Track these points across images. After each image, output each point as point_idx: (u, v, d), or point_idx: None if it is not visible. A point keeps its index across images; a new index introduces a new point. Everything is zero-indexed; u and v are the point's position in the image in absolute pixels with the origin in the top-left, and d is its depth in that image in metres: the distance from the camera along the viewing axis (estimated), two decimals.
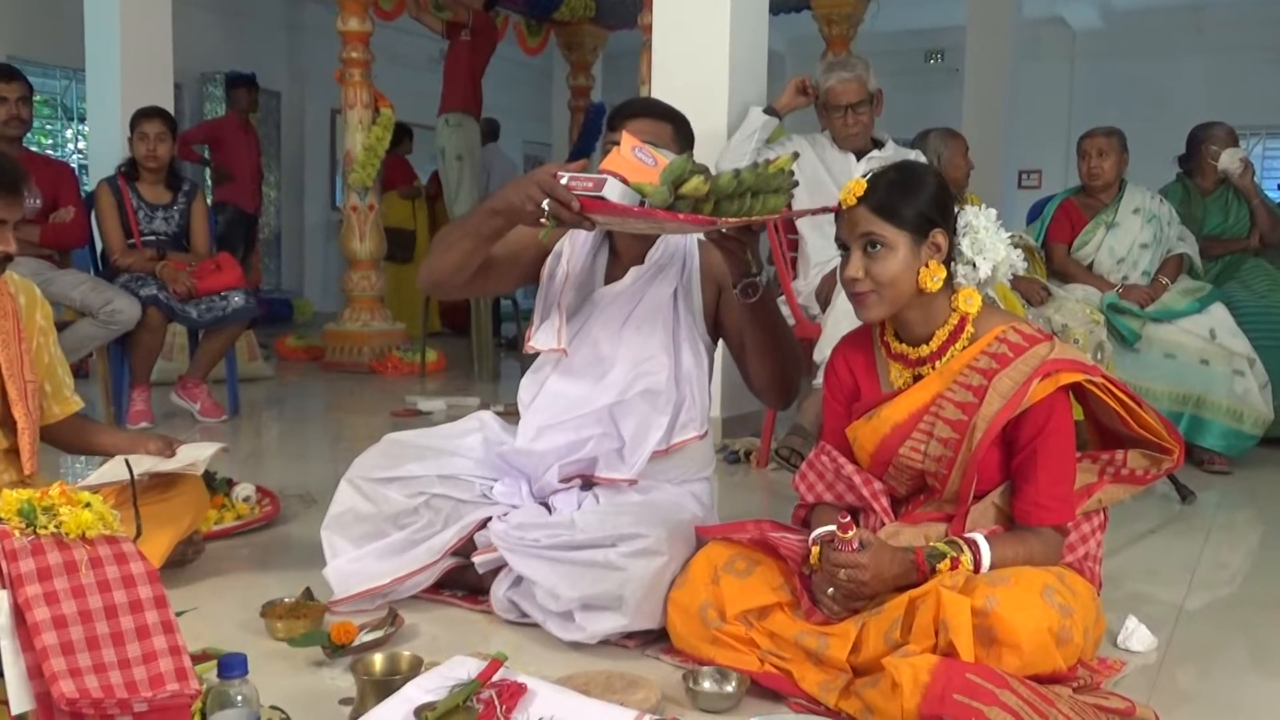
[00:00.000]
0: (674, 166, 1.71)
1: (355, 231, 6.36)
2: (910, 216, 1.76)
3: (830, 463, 1.92)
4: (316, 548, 2.16)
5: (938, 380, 1.81)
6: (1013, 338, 1.79)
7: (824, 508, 1.93)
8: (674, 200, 1.70)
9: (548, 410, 2.14)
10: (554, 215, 1.77)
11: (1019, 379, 1.74)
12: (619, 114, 2.13)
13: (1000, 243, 1.81)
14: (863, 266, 1.77)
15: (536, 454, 2.13)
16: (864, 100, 3.77)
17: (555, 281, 2.19)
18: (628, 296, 2.15)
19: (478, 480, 2.17)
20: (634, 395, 2.10)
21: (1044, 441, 1.74)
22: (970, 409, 1.76)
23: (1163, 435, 1.88)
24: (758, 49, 4.24)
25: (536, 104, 11.08)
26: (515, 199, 1.83)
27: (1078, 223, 4.26)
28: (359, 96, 6.24)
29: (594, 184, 1.74)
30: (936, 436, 1.79)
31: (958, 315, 1.81)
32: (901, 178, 1.79)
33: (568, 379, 2.15)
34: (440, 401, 4.86)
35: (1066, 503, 1.77)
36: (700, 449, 2.20)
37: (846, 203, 1.79)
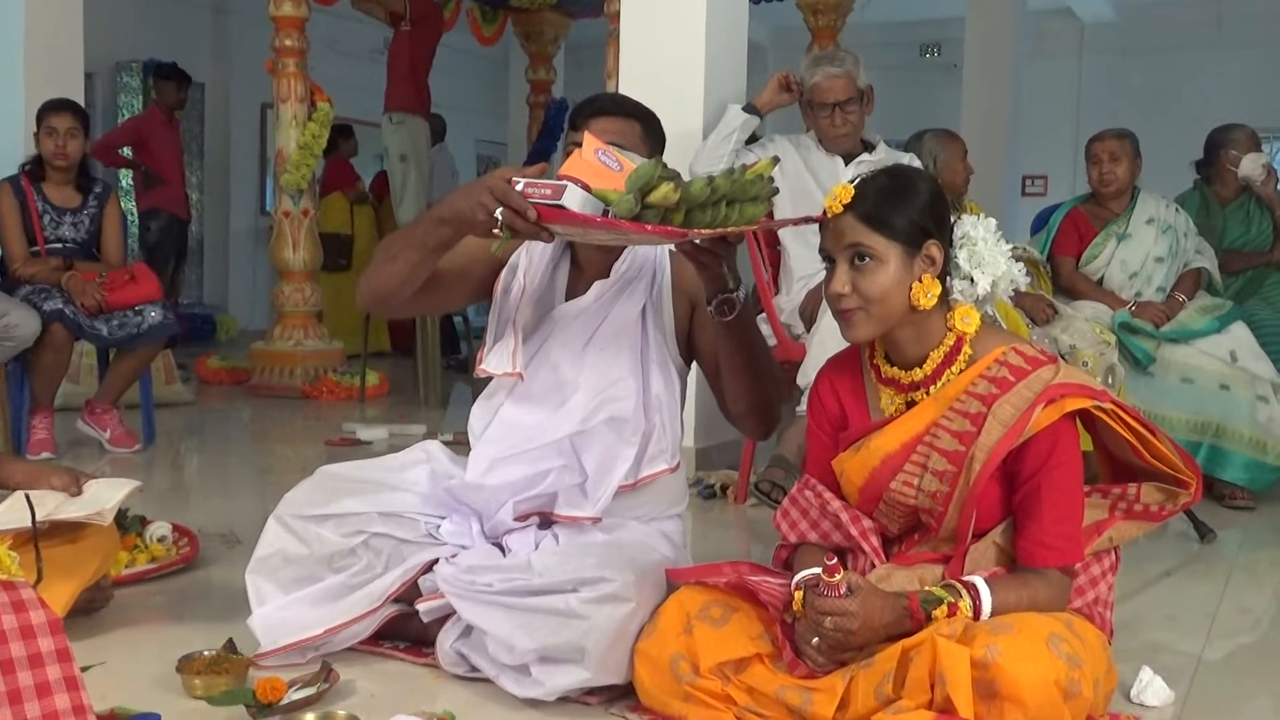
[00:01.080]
0: (640, 172, 1.72)
1: (287, 239, 6.33)
2: (902, 226, 1.77)
3: (815, 498, 1.93)
4: (241, 594, 2.14)
5: (932, 407, 1.83)
6: (1014, 360, 1.80)
7: (808, 548, 1.93)
8: (641, 210, 1.71)
9: (502, 441, 2.14)
10: (508, 226, 1.78)
11: (1021, 405, 1.75)
12: (582, 111, 2.14)
13: (1000, 256, 1.84)
14: (849, 280, 1.78)
15: (489, 489, 2.12)
16: (853, 98, 3.81)
17: (510, 297, 2.19)
18: (591, 314, 2.16)
19: (423, 518, 2.16)
20: (598, 424, 2.11)
21: (1049, 474, 1.76)
22: (968, 439, 1.78)
23: (1179, 467, 1.90)
24: (736, 41, 4.27)
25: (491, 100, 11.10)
26: (465, 207, 1.83)
27: (1086, 234, 4.31)
28: (293, 89, 6.23)
29: (553, 191, 1.75)
30: (931, 469, 1.80)
31: (954, 335, 1.83)
32: (893, 184, 1.81)
33: (524, 406, 2.15)
34: (382, 430, 4.84)
35: (1074, 541, 1.79)
36: (671, 483, 2.20)
37: (832, 210, 1.80)
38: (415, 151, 6.81)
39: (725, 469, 4.02)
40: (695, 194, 1.73)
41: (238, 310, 9.84)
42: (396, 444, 4.44)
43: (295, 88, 6.23)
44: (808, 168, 3.87)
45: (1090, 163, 4.31)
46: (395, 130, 6.80)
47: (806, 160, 3.89)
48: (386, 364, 7.12)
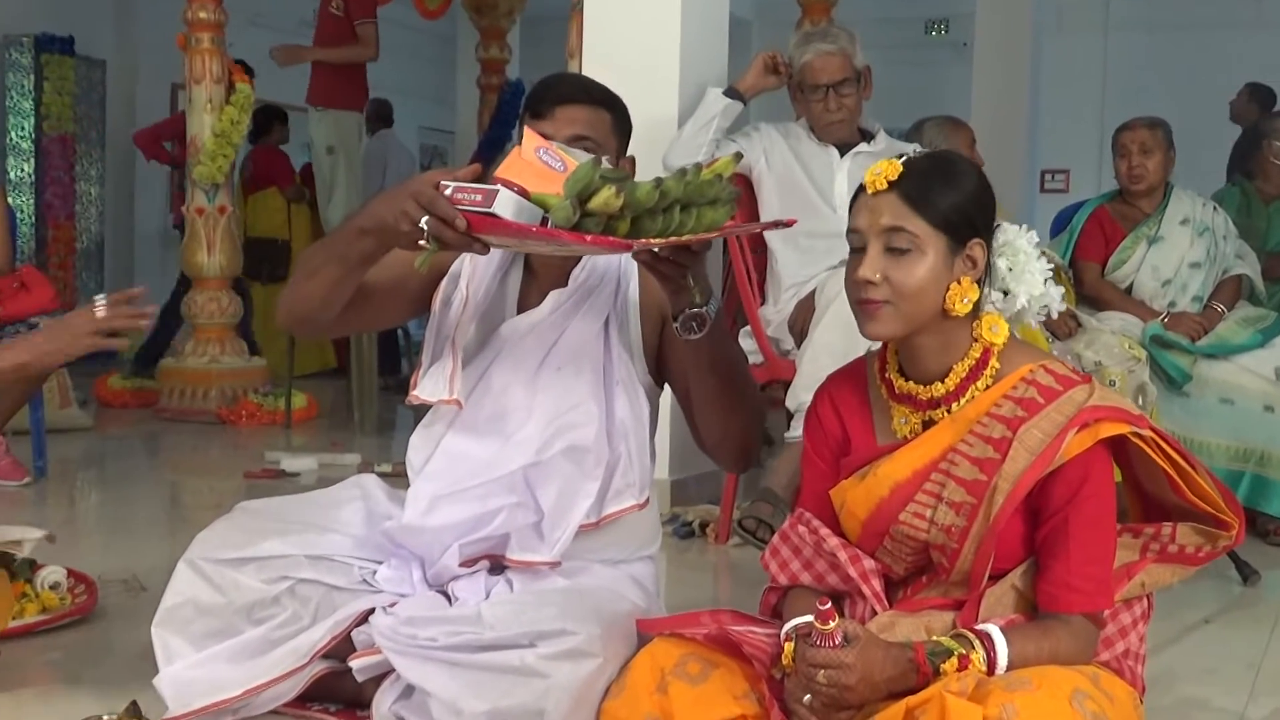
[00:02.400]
0: (578, 175, 1.71)
1: (201, 241, 6.30)
2: (950, 216, 1.78)
3: (809, 535, 1.93)
4: (147, 649, 2.13)
5: (949, 429, 1.83)
6: (1043, 379, 1.81)
7: (800, 592, 1.94)
8: (581, 217, 1.71)
9: (444, 476, 2.14)
10: (435, 236, 1.78)
11: (1051, 431, 1.76)
12: (543, 98, 2.14)
13: (1039, 273, 1.85)
14: (881, 268, 1.78)
15: (430, 531, 2.12)
16: (848, 79, 3.83)
17: (451, 311, 2.19)
18: (546, 329, 2.16)
19: (357, 562, 2.15)
20: (555, 455, 2.11)
21: (1078, 508, 1.76)
22: (990, 467, 1.78)
23: (1221, 506, 1.91)
24: (717, 15, 4.30)
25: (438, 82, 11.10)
26: (387, 215, 1.84)
27: (1113, 236, 4.35)
28: (208, 68, 6.22)
29: (484, 197, 1.75)
30: (947, 500, 1.80)
31: (980, 346, 1.83)
32: (939, 167, 1.82)
33: (470, 436, 2.15)
34: (310, 460, 4.83)
35: (1104, 585, 1.80)
36: (642, 521, 2.20)
37: (874, 186, 1.80)
38: (344, 141, 6.77)
39: (705, 504, 4.02)
40: (641, 199, 1.72)
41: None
42: (327, 477, 4.42)
43: (210, 66, 6.22)
44: (798, 160, 3.90)
45: (1118, 155, 4.34)
46: (321, 117, 6.77)
47: (796, 151, 3.92)
48: (316, 384, 7.08)
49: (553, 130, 2.08)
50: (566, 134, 2.09)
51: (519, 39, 9.30)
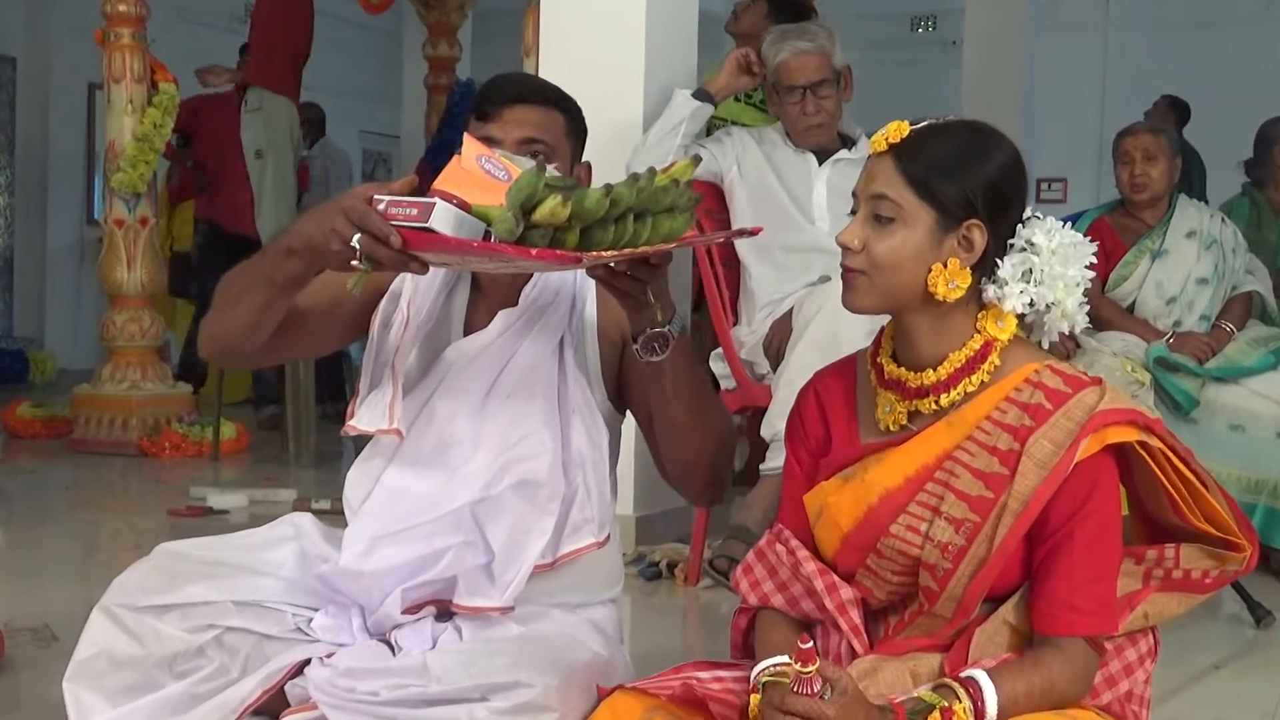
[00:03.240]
0: (520, 183, 1.70)
1: (121, 255, 6.28)
2: (945, 191, 1.77)
3: (787, 555, 1.92)
4: (58, 706, 2.10)
5: (945, 433, 1.81)
6: (1050, 381, 1.79)
7: (771, 616, 1.93)
8: (525, 230, 1.70)
9: (385, 514, 2.12)
10: (368, 256, 1.77)
11: (1062, 441, 1.74)
12: (490, 98, 2.14)
13: (1063, 282, 1.80)
14: (862, 235, 1.79)
15: (370, 575, 2.10)
16: (827, 79, 3.86)
17: (390, 334, 2.18)
18: (495, 351, 2.15)
19: (290, 609, 2.14)
20: (505, 489, 2.10)
21: (1083, 523, 1.75)
22: (998, 484, 1.76)
23: (1232, 530, 1.90)
24: (686, 11, 4.32)
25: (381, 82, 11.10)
26: (316, 234, 1.83)
27: (1114, 250, 4.39)
28: (129, 66, 6.19)
29: (419, 210, 1.74)
30: (946, 515, 1.78)
31: (981, 339, 1.82)
32: (960, 140, 1.81)
33: (412, 470, 2.13)
34: (240, 496, 4.80)
35: (1108, 605, 1.79)
36: (602, 561, 2.20)
37: (875, 147, 1.82)
38: (276, 143, 6.71)
39: (672, 543, 4.02)
40: (590, 208, 1.72)
41: (56, 345, 9.71)
42: (259, 515, 4.39)
43: (131, 64, 6.19)
44: (772, 166, 3.92)
45: (1119, 163, 4.38)
46: (250, 119, 6.71)
47: (770, 157, 3.94)
48: (247, 413, 7.05)
49: (500, 133, 2.09)
50: (515, 137, 2.09)
51: (470, 35, 9.31)
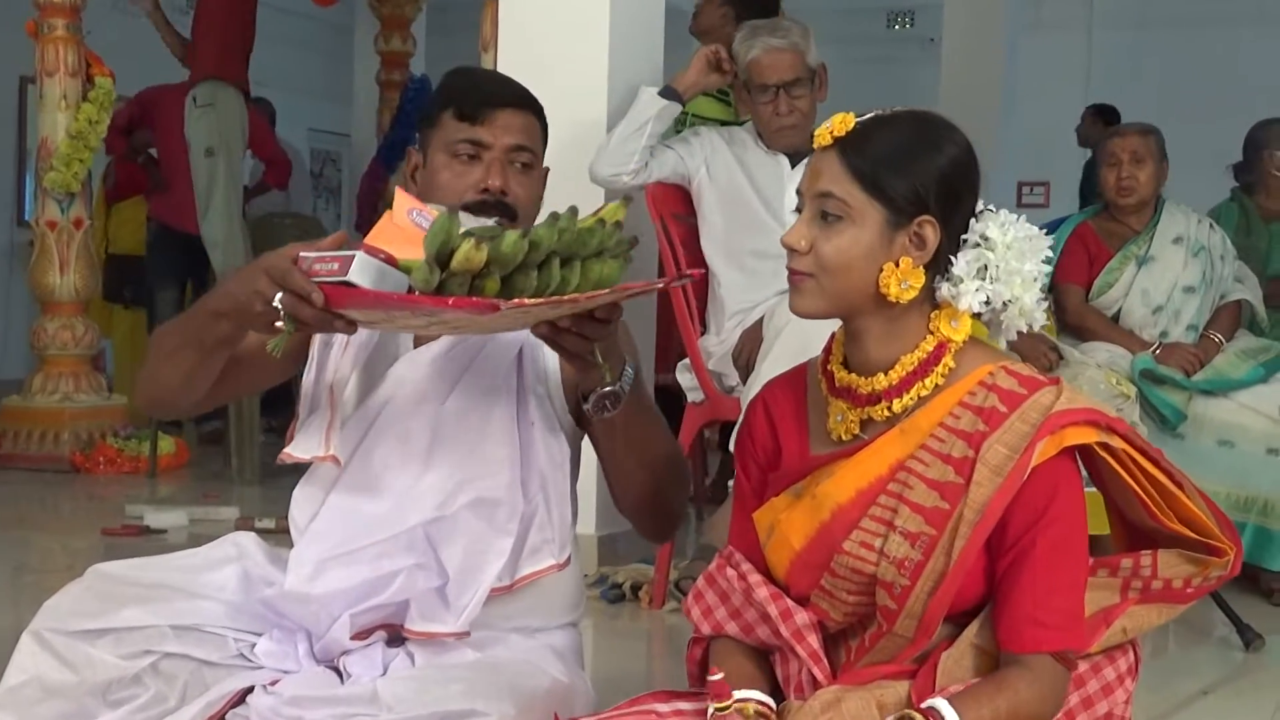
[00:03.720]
0: (434, 230, 1.68)
1: (53, 259, 6.24)
2: (895, 187, 1.76)
3: (738, 580, 1.92)
4: None
5: (898, 442, 1.81)
6: (1004, 382, 1.79)
7: (726, 645, 1.93)
8: (442, 279, 1.68)
9: (332, 534, 2.11)
10: (292, 315, 1.77)
11: (1017, 445, 1.74)
12: (468, 95, 2.15)
13: (1020, 277, 1.80)
14: (809, 235, 1.78)
15: (317, 599, 2.09)
16: (801, 78, 3.87)
17: (332, 352, 2.17)
18: (448, 363, 2.14)
19: (232, 634, 2.13)
20: (460, 508, 2.09)
21: (1044, 531, 1.75)
22: (953, 493, 1.76)
23: (1212, 532, 1.90)
24: (652, 4, 4.33)
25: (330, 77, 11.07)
26: (241, 295, 1.84)
27: (1098, 256, 4.42)
28: (63, 59, 6.17)
29: (340, 264, 1.73)
30: (901, 529, 1.77)
31: (935, 341, 1.82)
32: (907, 131, 1.81)
33: (361, 488, 2.12)
34: (179, 514, 4.78)
35: (1074, 620, 1.78)
36: (562, 583, 2.20)
37: (819, 141, 1.80)
38: (226, 140, 6.66)
39: (636, 564, 4.02)
40: (507, 252, 1.70)
41: None
42: (199, 534, 4.37)
43: (65, 57, 6.17)
44: (743, 169, 3.92)
45: (1105, 165, 4.41)
46: (201, 114, 6.65)
47: (742, 159, 3.94)
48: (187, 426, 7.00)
49: (490, 137, 2.11)
50: (506, 143, 2.12)
51: (425, 30, 9.30)
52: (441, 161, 2.15)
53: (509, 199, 2.12)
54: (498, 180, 2.11)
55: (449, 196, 2.10)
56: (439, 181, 2.14)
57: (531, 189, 2.17)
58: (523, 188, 2.14)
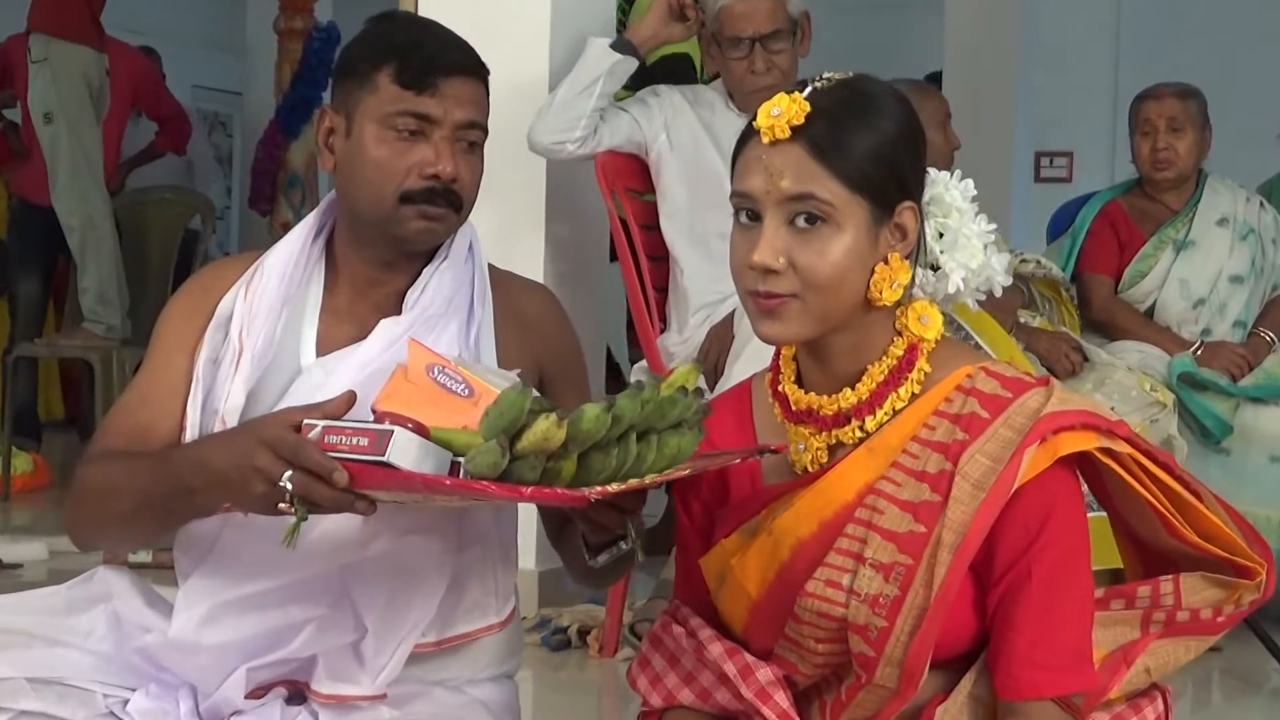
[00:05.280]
0: (503, 406, 1.69)
1: None
2: (874, 171, 1.76)
3: (687, 637, 1.92)
4: None
5: (865, 462, 1.81)
6: (985, 385, 1.80)
7: (682, 717, 1.93)
8: (510, 461, 1.68)
9: (227, 573, 2.10)
10: (303, 499, 1.75)
11: (1001, 454, 1.74)
12: (420, 60, 2.10)
13: (977, 237, 1.84)
14: (784, 249, 1.76)
15: (208, 650, 2.08)
16: (781, 30, 3.88)
17: (221, 370, 2.13)
18: (374, 372, 2.08)
19: (101, 689, 2.11)
20: (384, 549, 2.08)
21: (1040, 557, 1.75)
22: (929, 514, 1.76)
23: (1240, 549, 1.90)
24: None
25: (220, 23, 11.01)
26: (232, 474, 1.81)
27: (1130, 240, 4.44)
28: None
29: (371, 440, 1.71)
30: (871, 561, 1.77)
31: (904, 343, 1.83)
32: (867, 103, 1.80)
33: (261, 523, 2.09)
34: (37, 546, 4.77)
35: (1080, 658, 1.79)
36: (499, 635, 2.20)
37: (771, 133, 1.77)
38: (68, 104, 6.60)
39: (585, 604, 4.02)
40: (588, 430, 1.69)
41: None
42: (61, 570, 4.33)
43: None
44: (710, 136, 3.92)
45: (1137, 133, 4.44)
46: (36, 73, 6.56)
47: (709, 125, 3.95)
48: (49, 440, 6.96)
49: (439, 110, 2.07)
50: (459, 118, 2.08)
51: None
52: (375, 134, 2.09)
53: (456, 186, 2.09)
54: (448, 165, 2.07)
55: (384, 177, 2.07)
56: (371, 158, 2.09)
57: (478, 171, 2.15)
58: (470, 171, 2.12)
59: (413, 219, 2.08)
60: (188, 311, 2.19)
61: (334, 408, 1.80)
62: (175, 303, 2.22)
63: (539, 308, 2.29)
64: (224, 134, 12.69)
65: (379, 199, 2.09)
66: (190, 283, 2.30)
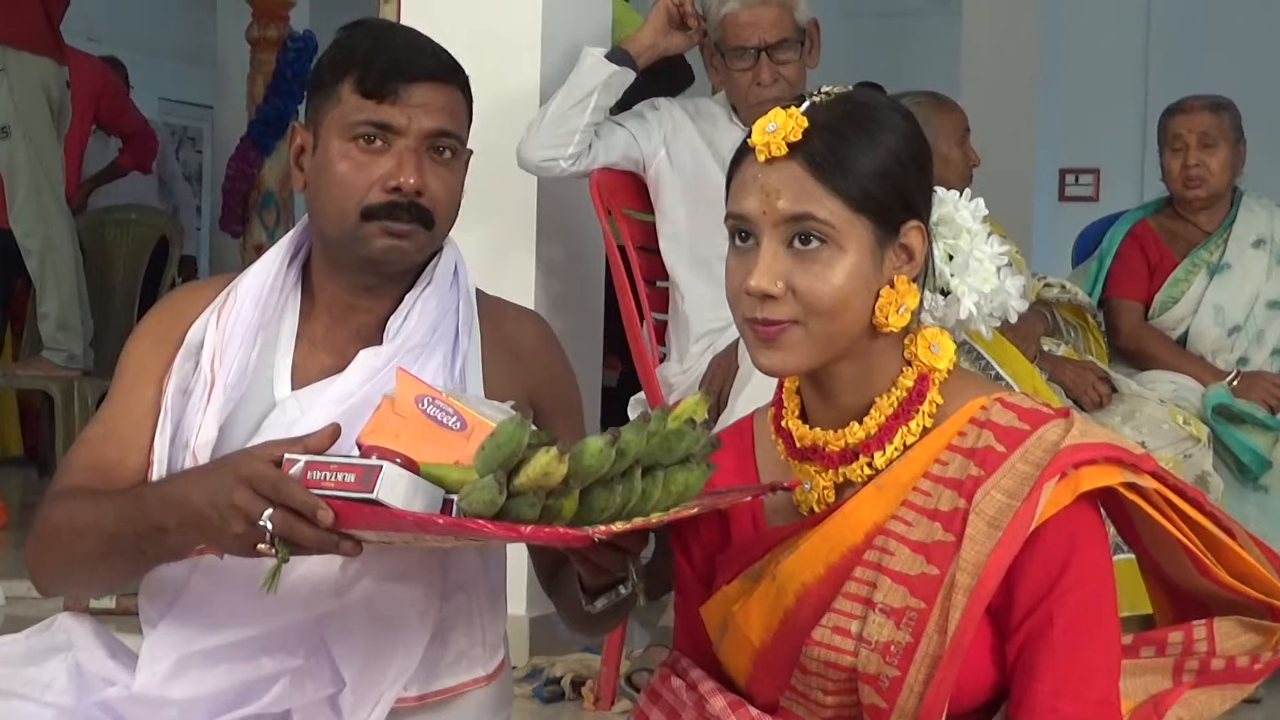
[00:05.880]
0: (501, 440, 1.68)
1: None
2: (878, 189, 1.78)
3: (687, 691, 1.92)
4: None
5: (874, 501, 1.81)
6: (1001, 417, 1.81)
7: None
8: (508, 498, 1.68)
9: (196, 622, 2.10)
10: (285, 538, 1.74)
11: (1019, 489, 1.74)
12: (382, 66, 2.10)
13: (989, 259, 1.85)
14: (782, 273, 1.77)
15: (175, 704, 2.08)
16: (788, 39, 3.88)
17: (191, 402, 2.12)
18: (355, 406, 2.07)
19: None
20: (363, 597, 2.08)
21: (1062, 601, 1.75)
22: (942, 555, 1.76)
23: (1275, 586, 1.90)
24: None
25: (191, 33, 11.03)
26: (209, 512, 1.80)
27: (1161, 262, 4.44)
28: None
29: (358, 476, 1.71)
30: (881, 606, 1.78)
31: (914, 373, 1.84)
32: (869, 116, 1.82)
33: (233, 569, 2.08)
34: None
35: (1107, 709, 1.79)
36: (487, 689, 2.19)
37: (767, 150, 1.79)
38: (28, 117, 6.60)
39: (579, 652, 4.01)
40: (590, 465, 1.69)
41: None
42: (19, 616, 4.33)
43: None
44: (713, 152, 3.92)
45: (1167, 149, 4.44)
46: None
47: (711, 140, 3.95)
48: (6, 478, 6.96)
49: (403, 120, 2.07)
50: (425, 127, 2.08)
51: None
52: (338, 148, 2.10)
53: (424, 200, 2.08)
54: (411, 176, 2.06)
55: (346, 193, 2.08)
56: (334, 174, 2.09)
57: (453, 184, 2.14)
58: (442, 184, 2.11)
59: (377, 236, 2.08)
60: (155, 339, 2.19)
61: (317, 441, 1.80)
62: (142, 330, 2.22)
63: (530, 335, 2.29)
64: (193, 150, 12.70)
65: (342, 216, 2.09)
66: (158, 308, 2.30)
